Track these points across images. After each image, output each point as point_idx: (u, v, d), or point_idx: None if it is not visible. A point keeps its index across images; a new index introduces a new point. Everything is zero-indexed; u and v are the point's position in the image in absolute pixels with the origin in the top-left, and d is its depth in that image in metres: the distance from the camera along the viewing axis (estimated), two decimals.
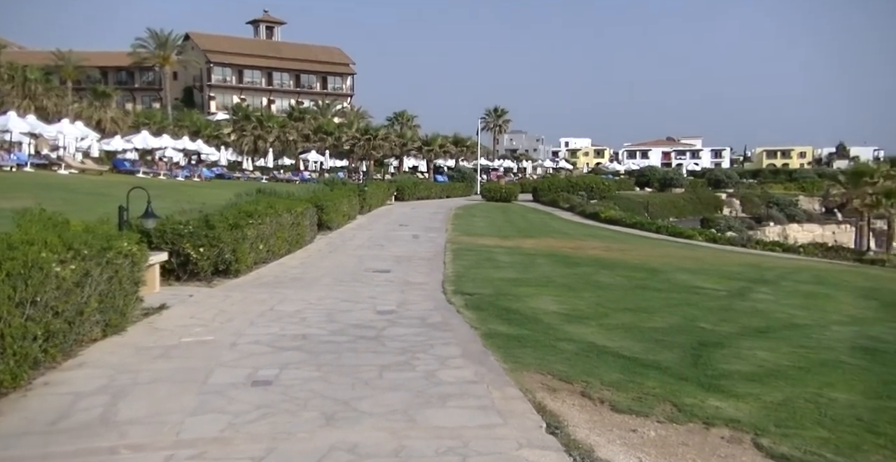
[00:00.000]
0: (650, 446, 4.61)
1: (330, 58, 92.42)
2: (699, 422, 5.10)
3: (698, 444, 4.72)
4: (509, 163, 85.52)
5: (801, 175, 62.18)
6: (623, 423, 5.03)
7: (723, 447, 4.65)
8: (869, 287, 14.67)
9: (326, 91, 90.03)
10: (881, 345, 8.26)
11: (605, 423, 5.02)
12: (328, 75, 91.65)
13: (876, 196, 27.02)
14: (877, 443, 4.76)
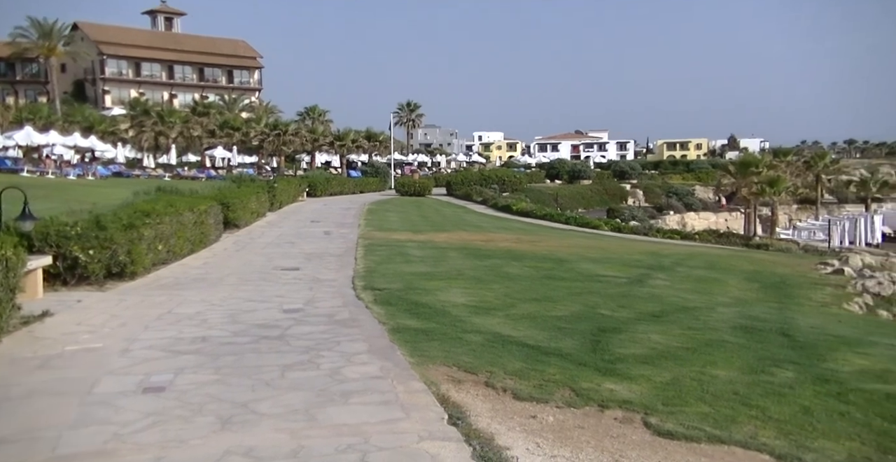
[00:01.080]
0: (548, 431, 4.77)
1: (235, 51, 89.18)
2: (595, 405, 5.32)
3: (593, 426, 4.92)
4: (423, 157, 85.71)
5: (698, 166, 65.86)
6: (524, 411, 5.18)
7: (615, 428, 4.88)
8: (753, 270, 15.76)
9: (233, 85, 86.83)
10: (759, 323, 8.90)
11: (507, 412, 5.15)
12: (234, 69, 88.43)
13: (761, 185, 29.03)
14: (749, 414, 5.13)
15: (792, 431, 4.82)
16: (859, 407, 5.40)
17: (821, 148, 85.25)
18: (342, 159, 65.50)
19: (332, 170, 63.67)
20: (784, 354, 7.23)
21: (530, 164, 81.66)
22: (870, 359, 7.08)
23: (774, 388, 5.90)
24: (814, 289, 13.57)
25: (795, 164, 38.59)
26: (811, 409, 5.31)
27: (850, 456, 4.40)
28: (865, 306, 12.25)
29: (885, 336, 8.77)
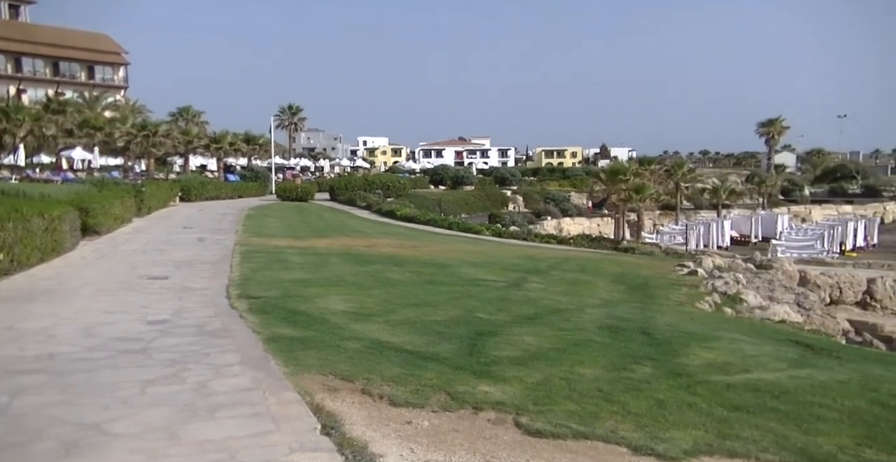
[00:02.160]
0: (423, 436, 4.81)
1: (96, 45, 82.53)
2: (469, 407, 5.43)
3: (467, 428, 5.02)
4: (306, 162, 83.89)
5: (573, 173, 69.18)
6: (400, 417, 5.19)
7: (488, 429, 5.01)
8: (620, 272, 16.79)
9: (94, 82, 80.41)
10: (623, 323, 9.49)
11: (383, 418, 5.14)
12: (95, 64, 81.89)
13: (628, 192, 31.07)
14: (611, 410, 5.46)
15: (648, 424, 5.17)
16: (704, 398, 5.89)
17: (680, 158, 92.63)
18: (219, 163, 62.67)
19: (208, 174, 60.74)
20: (644, 351, 7.74)
21: (415, 169, 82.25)
22: (715, 352, 7.74)
23: (634, 384, 6.30)
24: (672, 289, 14.66)
25: (658, 173, 41.59)
26: (665, 402, 5.73)
27: (695, 443, 4.79)
28: (714, 304, 13.39)
29: (728, 331, 9.62)
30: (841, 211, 48.15)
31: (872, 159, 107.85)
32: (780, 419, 5.42)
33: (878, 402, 5.92)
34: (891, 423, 5.37)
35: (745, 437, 4.95)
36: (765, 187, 50.15)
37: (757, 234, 39.79)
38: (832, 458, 4.60)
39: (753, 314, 13.23)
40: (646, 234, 36.49)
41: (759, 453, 4.65)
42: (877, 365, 7.96)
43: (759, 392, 6.16)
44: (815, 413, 5.61)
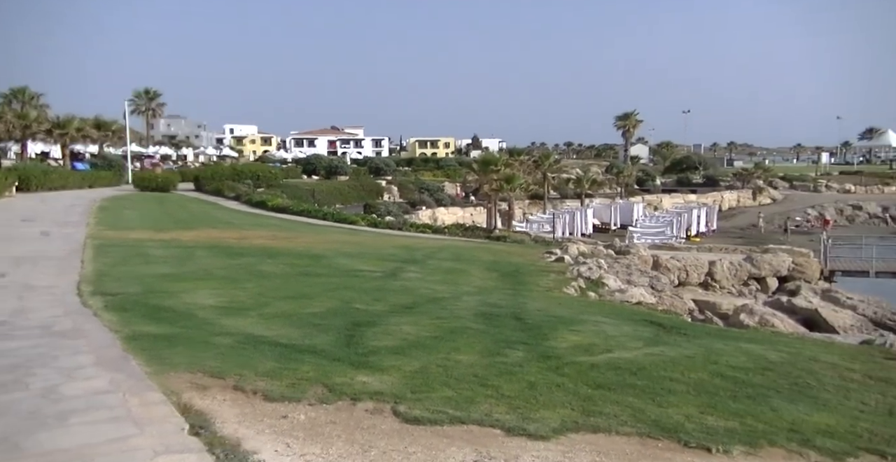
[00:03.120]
0: (299, 430, 4.72)
1: None
2: (347, 399, 5.39)
3: (345, 419, 4.98)
4: (168, 150, 78.72)
5: (446, 163, 70.28)
6: (275, 411, 5.05)
7: (366, 419, 5.00)
8: (493, 260, 17.35)
9: None
10: (497, 309, 9.83)
11: (257, 414, 4.97)
12: None
13: (499, 182, 32.09)
14: (486, 394, 5.65)
15: (520, 406, 5.40)
16: (571, 378, 6.25)
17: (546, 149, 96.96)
18: (64, 150, 57.19)
19: (51, 161, 55.27)
20: (516, 336, 8.06)
21: (286, 159, 79.81)
22: (580, 335, 8.23)
23: (507, 368, 6.55)
24: (541, 275, 15.36)
25: (527, 164, 43.29)
26: (535, 384, 6.01)
27: (563, 421, 5.07)
28: (579, 289, 14.20)
29: (592, 314, 10.26)
30: (687, 199, 52.64)
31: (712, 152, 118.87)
32: (637, 394, 5.87)
33: (718, 374, 6.58)
34: (728, 392, 5.98)
35: (607, 413, 5.31)
36: (622, 178, 53.73)
37: (616, 221, 42.64)
38: (680, 427, 5.05)
39: (614, 297, 14.17)
40: (516, 223, 37.90)
41: (618, 427, 5.01)
42: (717, 340, 8.82)
43: (620, 370, 6.62)
44: (666, 387, 6.12)
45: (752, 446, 4.71)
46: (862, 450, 4.66)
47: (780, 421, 5.24)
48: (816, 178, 65.61)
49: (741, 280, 22.33)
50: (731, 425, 5.14)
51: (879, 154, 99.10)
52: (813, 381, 6.39)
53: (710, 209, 45.30)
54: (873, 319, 17.06)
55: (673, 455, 4.59)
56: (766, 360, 7.20)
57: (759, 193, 57.06)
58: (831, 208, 49.79)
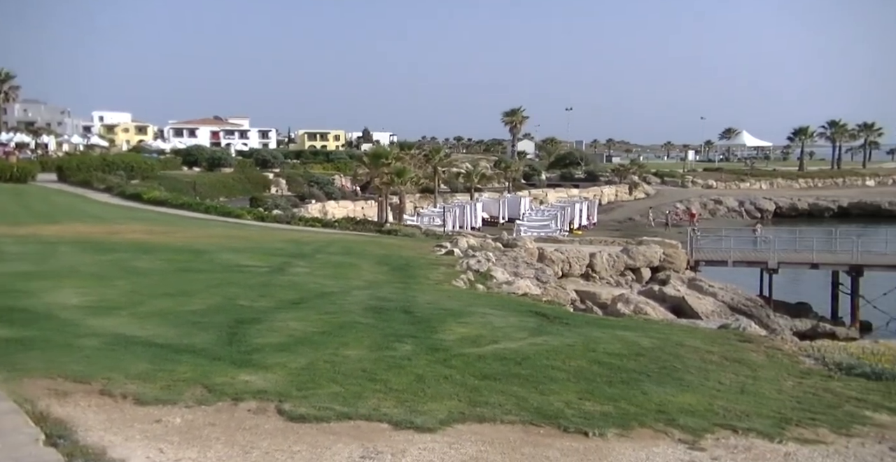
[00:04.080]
0: (175, 434, 4.47)
1: None
2: (228, 399, 5.18)
3: (225, 420, 4.78)
4: (25, 137, 71.77)
5: (337, 156, 69.14)
6: (147, 416, 4.76)
7: (249, 419, 4.82)
8: (384, 254, 17.30)
9: None
10: (386, 304, 9.81)
11: (126, 420, 4.66)
12: None
13: (390, 175, 31.98)
14: (374, 388, 5.62)
15: (408, 399, 5.42)
16: (459, 369, 6.35)
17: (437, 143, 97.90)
18: None
19: None
20: (405, 330, 8.08)
21: (164, 149, 75.19)
22: (468, 327, 8.38)
23: (396, 362, 6.55)
24: (431, 269, 15.49)
25: (418, 157, 43.41)
26: (424, 377, 6.05)
27: (450, 413, 5.15)
28: (468, 281, 14.47)
29: (480, 306, 10.47)
30: (570, 194, 55.02)
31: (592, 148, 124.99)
32: (521, 383, 6.06)
33: (596, 361, 6.93)
34: (605, 378, 6.32)
35: (493, 403, 5.44)
36: (510, 172, 55.23)
37: (504, 215, 43.81)
38: (560, 413, 5.27)
39: (501, 289, 14.56)
40: (407, 217, 37.97)
41: (503, 416, 5.15)
42: (597, 328, 9.29)
43: (505, 360, 6.81)
44: (548, 375, 6.37)
45: (624, 428, 4.99)
46: (717, 426, 5.08)
47: (650, 403, 5.60)
48: (684, 175, 70.74)
49: (619, 271, 23.67)
50: (607, 409, 5.43)
51: (736, 153, 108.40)
52: (679, 364, 6.88)
53: (592, 203, 47.62)
54: (731, 305, 18.67)
55: (553, 441, 4.77)
56: (638, 346, 7.67)
57: (635, 188, 60.70)
58: (697, 202, 53.85)
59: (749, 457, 4.53)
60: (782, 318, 19.57)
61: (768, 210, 53.71)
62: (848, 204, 53.03)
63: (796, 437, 4.87)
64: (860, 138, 78.87)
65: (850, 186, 65.00)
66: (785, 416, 5.29)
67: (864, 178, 68.92)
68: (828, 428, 5.06)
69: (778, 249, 23.31)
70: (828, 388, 6.09)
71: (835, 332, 18.54)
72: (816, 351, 7.45)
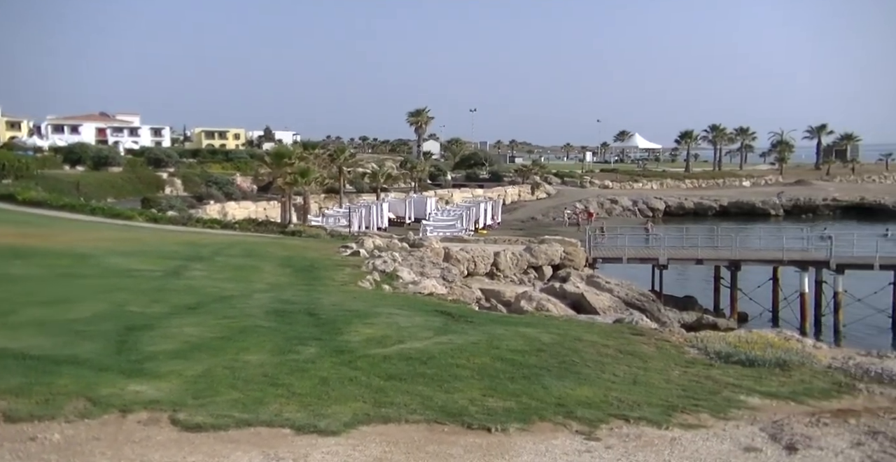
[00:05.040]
0: (52, 451, 4.16)
1: None
2: (116, 411, 4.88)
3: (112, 434, 4.50)
4: None
5: (237, 155, 66.68)
6: (20, 434, 4.40)
7: (139, 432, 4.56)
8: (287, 256, 16.88)
9: None
10: (290, 306, 9.58)
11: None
12: None
13: (294, 175, 31.23)
14: (276, 393, 5.47)
15: (311, 403, 5.31)
16: (364, 371, 6.30)
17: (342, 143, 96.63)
18: None
19: None
20: (310, 332, 7.92)
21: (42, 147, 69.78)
22: (374, 327, 8.33)
23: (300, 365, 6.41)
24: (337, 270, 15.28)
25: (322, 157, 42.64)
26: (328, 379, 5.95)
27: (355, 415, 5.10)
28: (374, 282, 14.38)
29: (386, 306, 10.43)
30: (475, 194, 55.96)
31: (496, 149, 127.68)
32: (426, 382, 6.09)
33: (500, 358, 7.07)
34: (507, 374, 6.46)
35: (398, 403, 5.44)
36: (416, 172, 55.40)
37: (410, 215, 43.87)
38: (464, 410, 5.35)
39: (408, 289, 14.57)
40: (312, 218, 37.23)
41: (408, 416, 5.16)
42: (500, 326, 9.48)
43: (411, 360, 6.82)
44: (453, 373, 6.44)
45: (525, 423, 5.13)
46: (611, 416, 5.32)
47: (550, 397, 5.78)
48: (582, 175, 73.74)
49: (522, 269, 24.30)
50: (509, 405, 5.56)
51: (630, 154, 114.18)
52: (577, 358, 7.15)
53: (496, 203, 48.61)
54: (626, 300, 19.62)
55: (457, 438, 4.83)
56: (539, 342, 7.90)
57: (537, 188, 62.53)
58: (594, 202, 56.24)
59: (639, 444, 4.77)
60: (671, 312, 20.78)
61: (659, 209, 56.91)
62: (728, 203, 57.06)
63: (681, 423, 5.18)
64: (737, 142, 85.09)
65: (730, 187, 70.01)
66: (672, 404, 5.62)
67: (741, 179, 74.48)
68: (708, 413, 5.42)
69: (667, 246, 24.71)
70: (709, 376, 6.53)
71: (717, 323, 19.88)
72: (700, 341, 7.96)
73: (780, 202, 56.81)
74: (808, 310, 21.10)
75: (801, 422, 5.19)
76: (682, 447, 4.73)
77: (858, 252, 22.43)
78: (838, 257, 21.43)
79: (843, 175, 75.09)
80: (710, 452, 4.63)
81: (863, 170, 78.39)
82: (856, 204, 55.55)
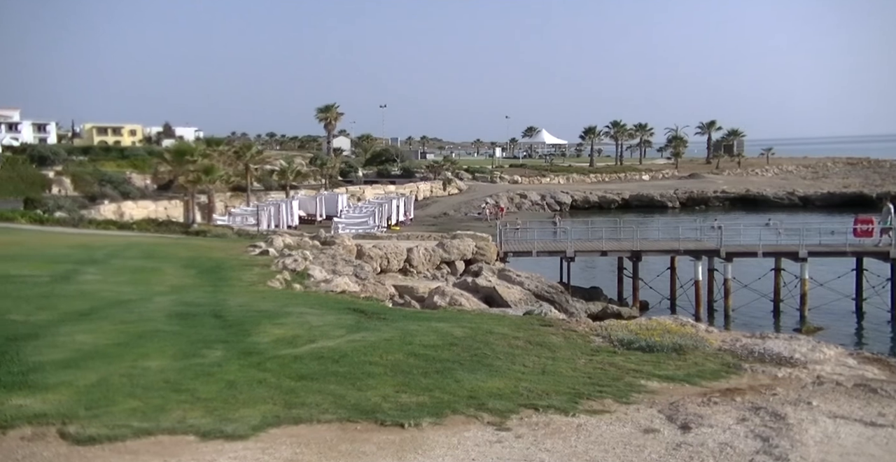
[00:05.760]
0: None
1: None
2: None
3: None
4: None
5: (133, 153, 63.11)
6: None
7: (22, 448, 4.24)
8: (191, 257, 16.17)
9: None
10: (194, 309, 9.19)
11: None
12: None
13: (197, 173, 29.93)
14: (179, 399, 5.23)
15: (218, 407, 5.12)
16: (274, 372, 6.14)
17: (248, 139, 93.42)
18: None
19: None
20: (215, 335, 7.63)
21: None
22: (284, 328, 8.13)
23: (205, 369, 6.16)
24: (245, 270, 14.80)
25: (227, 154, 41.14)
26: (235, 383, 5.76)
27: (264, 417, 4.95)
28: (285, 282, 14.03)
29: (297, 306, 10.21)
30: (387, 190, 55.71)
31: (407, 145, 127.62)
32: (338, 381, 6.01)
33: (413, 353, 7.08)
34: (421, 370, 6.48)
35: (310, 403, 5.33)
36: (326, 169, 54.50)
37: (322, 212, 43.10)
38: (378, 408, 5.32)
39: (319, 288, 14.31)
40: (218, 217, 35.87)
41: (320, 416, 5.07)
42: (413, 322, 9.50)
43: (323, 359, 6.71)
44: (366, 370, 6.39)
45: (438, 417, 5.16)
46: (522, 406, 5.45)
47: (462, 390, 5.85)
48: (492, 171, 75.06)
49: (435, 264, 24.43)
50: (422, 400, 5.58)
51: (538, 150, 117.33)
52: (489, 351, 7.27)
53: (408, 199, 48.63)
54: (535, 292, 20.15)
55: (370, 435, 4.80)
56: (452, 336, 7.98)
57: (449, 184, 63.05)
58: (504, 197, 57.41)
59: (548, 432, 4.92)
60: (579, 302, 21.52)
61: (566, 203, 58.79)
62: (629, 196, 59.73)
63: (587, 410, 5.38)
64: (637, 137, 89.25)
65: (631, 181, 73.33)
66: (578, 392, 5.82)
67: (641, 173, 78.15)
68: (612, 398, 5.66)
69: (574, 239, 25.57)
70: (612, 363, 6.81)
71: (621, 312, 20.78)
72: (604, 330, 8.29)
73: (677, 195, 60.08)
74: (701, 296, 22.45)
75: (694, 402, 5.51)
76: (588, 432, 4.91)
77: (744, 241, 24.11)
78: (727, 246, 22.91)
79: (730, 168, 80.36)
80: (613, 436, 4.84)
81: (747, 163, 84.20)
82: (742, 196, 59.57)
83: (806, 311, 21.40)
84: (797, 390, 5.82)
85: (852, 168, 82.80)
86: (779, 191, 60.18)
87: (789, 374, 6.44)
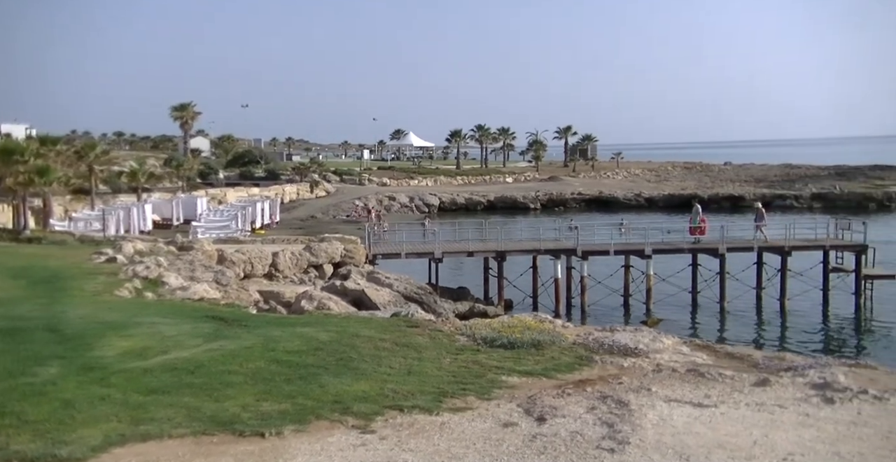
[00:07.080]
0: None
1: None
2: None
3: None
4: None
5: None
6: None
7: None
8: (22, 266, 14.58)
9: None
10: (23, 323, 8.31)
11: None
12: None
13: (29, 174, 27.05)
14: (2, 423, 4.71)
15: (50, 429, 4.66)
16: (120, 387, 5.69)
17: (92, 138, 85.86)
18: None
19: None
20: (50, 350, 6.95)
21: None
22: (133, 339, 7.56)
23: (36, 388, 5.59)
24: (88, 279, 13.60)
25: (67, 154, 37.56)
26: (73, 401, 5.28)
27: (106, 437, 4.58)
28: (135, 290, 13.05)
29: (148, 316, 9.53)
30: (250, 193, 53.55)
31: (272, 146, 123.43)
32: (194, 393, 5.69)
33: (275, 360, 6.87)
34: (283, 377, 6.30)
35: (160, 418, 5.01)
36: (183, 171, 51.34)
37: (179, 216, 40.55)
38: (236, 418, 5.10)
39: (175, 295, 13.47)
40: (56, 222, 32.63)
41: (171, 430, 4.77)
42: (277, 327, 9.20)
43: (176, 371, 6.32)
44: (225, 380, 6.10)
45: (302, 423, 5.05)
46: (387, 408, 5.47)
47: (327, 395, 5.76)
48: (361, 173, 74.62)
49: (302, 268, 23.83)
50: (285, 407, 5.42)
51: (406, 152, 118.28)
52: (354, 354, 7.21)
53: (273, 202, 47.02)
54: (404, 294, 20.30)
55: (228, 447, 4.59)
56: (317, 341, 7.83)
57: (316, 186, 61.78)
58: (374, 199, 57.29)
59: (412, 432, 4.97)
60: (447, 303, 21.94)
61: (434, 205, 59.77)
62: (494, 198, 61.84)
63: (450, 408, 5.50)
64: (500, 141, 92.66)
65: (495, 183, 75.99)
66: (443, 391, 5.94)
67: (504, 176, 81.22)
68: (475, 395, 5.83)
69: (442, 240, 26.03)
70: (476, 361, 7.02)
71: (487, 311, 21.44)
72: (469, 329, 8.51)
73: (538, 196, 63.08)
74: (560, 293, 23.74)
75: (550, 395, 5.81)
76: (451, 430, 5.01)
77: (598, 240, 25.84)
78: (583, 245, 24.41)
79: (585, 172, 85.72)
80: (474, 432, 4.98)
81: (600, 167, 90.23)
82: (596, 197, 63.73)
83: (651, 304, 23.31)
84: (640, 378, 6.31)
85: (688, 172, 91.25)
86: (627, 192, 65.00)
87: (633, 363, 6.98)
